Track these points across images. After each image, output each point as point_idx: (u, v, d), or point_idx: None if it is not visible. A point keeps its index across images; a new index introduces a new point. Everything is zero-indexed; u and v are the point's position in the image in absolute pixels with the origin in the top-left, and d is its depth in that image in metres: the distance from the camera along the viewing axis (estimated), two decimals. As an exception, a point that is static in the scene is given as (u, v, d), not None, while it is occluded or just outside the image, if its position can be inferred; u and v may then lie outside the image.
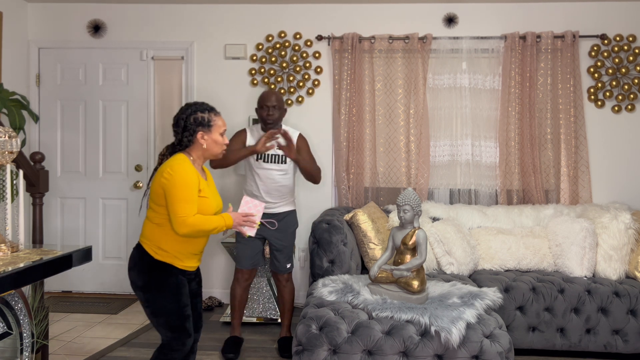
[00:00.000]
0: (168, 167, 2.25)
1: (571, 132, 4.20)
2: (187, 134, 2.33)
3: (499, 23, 4.33)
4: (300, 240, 4.43)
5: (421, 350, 2.48)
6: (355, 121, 4.32)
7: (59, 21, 4.59)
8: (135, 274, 2.30)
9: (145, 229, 2.33)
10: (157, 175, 2.29)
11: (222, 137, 2.39)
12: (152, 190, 2.30)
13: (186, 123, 2.33)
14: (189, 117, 2.33)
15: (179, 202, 2.21)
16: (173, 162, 2.27)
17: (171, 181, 2.21)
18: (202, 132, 2.33)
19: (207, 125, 2.34)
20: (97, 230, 4.67)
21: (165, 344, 2.33)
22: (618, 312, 3.26)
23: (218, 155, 2.42)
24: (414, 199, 2.76)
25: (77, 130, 4.65)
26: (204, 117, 2.34)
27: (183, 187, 2.22)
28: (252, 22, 4.49)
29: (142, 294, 2.29)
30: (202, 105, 2.38)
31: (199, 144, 2.34)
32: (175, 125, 2.36)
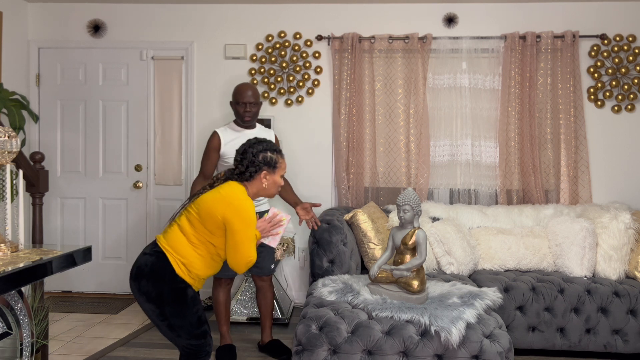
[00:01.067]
0: (234, 199, 2.21)
1: (571, 132, 4.20)
2: (253, 169, 2.33)
3: (499, 23, 4.33)
4: (301, 240, 4.44)
5: (421, 350, 2.48)
6: (355, 121, 4.32)
7: (59, 21, 4.59)
8: (149, 284, 2.19)
9: (175, 241, 2.23)
10: (219, 199, 2.21)
11: (281, 179, 2.42)
12: (205, 210, 2.21)
13: (254, 158, 2.33)
14: (259, 153, 2.34)
15: (247, 241, 2.20)
16: (238, 194, 2.24)
17: (239, 217, 2.18)
18: (267, 172, 2.35)
19: (273, 166, 2.37)
20: (97, 230, 4.67)
21: (190, 354, 2.27)
22: (618, 312, 3.26)
23: (270, 196, 2.45)
24: (414, 199, 2.76)
25: (77, 130, 4.65)
26: (273, 157, 2.36)
27: (250, 225, 2.22)
28: (252, 22, 4.49)
29: (154, 307, 2.19)
30: (273, 146, 2.39)
31: (260, 182, 2.35)
32: (241, 154, 2.35)
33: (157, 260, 2.21)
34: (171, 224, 2.31)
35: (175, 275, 2.20)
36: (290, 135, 4.46)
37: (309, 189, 4.46)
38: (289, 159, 4.43)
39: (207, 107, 4.54)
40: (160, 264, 2.20)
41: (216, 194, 2.24)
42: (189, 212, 2.27)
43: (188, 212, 2.27)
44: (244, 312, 3.99)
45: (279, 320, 3.97)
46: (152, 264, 2.21)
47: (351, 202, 4.34)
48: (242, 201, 2.22)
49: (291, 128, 4.47)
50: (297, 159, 4.46)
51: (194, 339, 2.25)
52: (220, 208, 2.19)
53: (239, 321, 3.98)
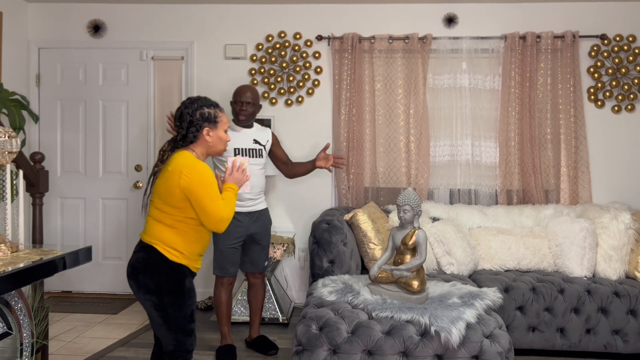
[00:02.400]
0: (183, 167, 2.18)
1: (571, 132, 4.20)
2: (194, 129, 2.28)
3: (499, 23, 4.33)
4: (301, 240, 4.44)
5: (421, 350, 2.48)
6: (355, 121, 4.32)
7: (59, 21, 4.59)
8: (146, 278, 2.20)
9: (155, 231, 2.24)
10: (168, 175, 2.20)
11: (225, 133, 2.37)
12: (163, 191, 2.21)
13: (192, 118, 2.27)
14: (195, 111, 2.28)
15: (210, 202, 2.17)
16: (186, 161, 2.20)
17: (194, 181, 2.15)
18: (209, 128, 2.30)
19: (213, 121, 2.31)
20: (97, 230, 4.67)
21: (173, 351, 2.26)
22: (618, 312, 3.26)
23: (220, 153, 2.39)
24: (414, 199, 2.76)
25: (77, 130, 4.65)
26: (211, 112, 2.31)
27: (208, 186, 2.18)
28: (252, 22, 4.49)
29: (155, 298, 2.20)
30: (208, 101, 2.34)
31: (205, 140, 2.30)
32: (179, 119, 2.30)
33: (148, 255, 2.22)
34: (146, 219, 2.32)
35: (169, 262, 2.21)
36: (290, 136, 4.46)
37: (309, 189, 4.47)
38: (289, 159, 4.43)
39: (207, 107, 4.54)
40: (152, 257, 2.21)
41: (165, 173, 2.22)
42: (153, 202, 2.27)
43: (153, 202, 2.28)
44: (244, 312, 3.99)
45: (279, 321, 3.97)
46: (144, 259, 2.23)
47: (351, 202, 4.34)
48: (191, 166, 2.18)
49: (291, 128, 4.47)
50: (297, 159, 4.45)
51: (181, 334, 2.25)
52: (174, 181, 2.17)
53: (239, 321, 3.97)
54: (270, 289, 4.02)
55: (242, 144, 3.35)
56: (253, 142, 3.39)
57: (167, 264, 2.21)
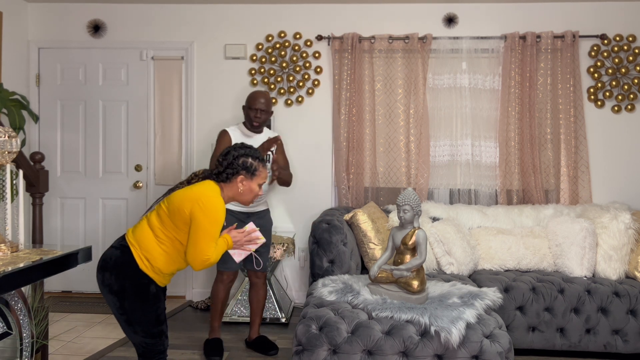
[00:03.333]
0: (204, 195, 2.20)
1: (571, 132, 4.20)
2: (230, 171, 2.32)
3: (499, 23, 4.33)
4: (301, 240, 4.44)
5: (421, 350, 2.48)
6: (355, 121, 4.32)
7: (59, 21, 4.59)
8: (112, 277, 2.20)
9: (142, 237, 2.23)
10: (187, 196, 2.20)
11: (259, 188, 2.40)
12: (176, 205, 2.21)
13: (235, 161, 2.31)
14: (239, 157, 2.32)
15: (207, 239, 2.18)
16: (209, 192, 2.22)
17: (205, 213, 2.16)
18: (244, 177, 2.33)
19: (252, 172, 2.34)
20: (97, 230, 4.67)
21: (143, 353, 2.27)
22: (618, 312, 3.26)
23: (246, 204, 2.42)
24: (414, 199, 2.76)
25: (77, 130, 4.65)
26: (253, 164, 2.34)
27: (214, 224, 2.19)
28: (252, 22, 4.49)
29: (116, 300, 2.20)
30: (256, 152, 2.38)
31: (236, 186, 2.33)
32: (224, 157, 2.34)
33: (122, 255, 2.22)
34: (141, 219, 2.32)
35: (138, 270, 2.21)
36: (290, 136, 4.46)
37: (309, 189, 4.47)
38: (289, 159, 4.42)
39: (207, 107, 4.54)
40: (124, 259, 2.21)
41: (188, 190, 2.24)
42: (160, 207, 2.27)
43: (159, 207, 2.28)
44: (244, 312, 3.99)
45: (279, 321, 3.97)
46: (116, 257, 2.22)
47: (351, 202, 4.34)
48: (211, 198, 2.20)
49: (291, 128, 4.47)
50: (297, 159, 4.46)
51: (149, 337, 2.25)
52: (189, 203, 2.18)
53: (239, 321, 3.97)
54: (270, 289, 4.02)
55: None
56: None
57: (135, 270, 2.20)
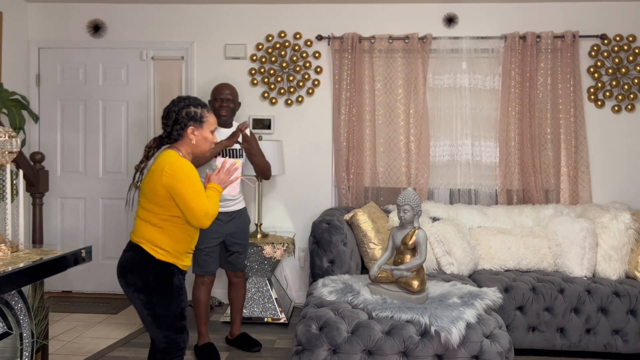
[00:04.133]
0: (165, 165, 2.19)
1: (571, 132, 4.20)
2: (178, 127, 2.29)
3: (499, 23, 4.33)
4: (301, 240, 4.44)
5: (421, 350, 2.48)
6: (355, 121, 4.32)
7: (59, 21, 4.59)
8: (134, 277, 2.22)
9: (141, 230, 2.26)
10: (152, 174, 2.23)
11: (212, 134, 2.37)
12: (148, 190, 2.23)
13: (178, 116, 2.28)
14: (181, 110, 2.29)
15: (193, 197, 2.18)
16: (168, 159, 2.21)
17: (176, 178, 2.16)
18: (193, 127, 2.30)
19: (199, 120, 2.31)
20: (97, 230, 4.67)
21: (165, 348, 2.28)
22: (618, 312, 3.26)
23: (205, 153, 2.39)
24: (414, 199, 2.76)
25: (77, 130, 4.65)
26: (197, 112, 2.31)
27: (191, 182, 2.18)
28: (252, 22, 4.49)
29: (143, 296, 2.22)
30: (196, 100, 2.34)
31: (189, 139, 2.30)
32: (165, 117, 2.32)
33: (136, 254, 2.24)
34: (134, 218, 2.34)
35: (157, 261, 2.23)
36: (290, 135, 4.46)
37: (309, 189, 4.47)
38: (289, 159, 4.44)
39: (207, 107, 4.54)
40: (140, 256, 2.23)
41: (149, 171, 2.26)
42: (139, 200, 2.30)
43: (139, 201, 2.30)
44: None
45: (279, 321, 3.97)
46: (131, 258, 2.25)
47: (351, 202, 4.34)
48: (172, 163, 2.19)
49: (291, 128, 4.47)
50: (297, 159, 4.46)
51: (172, 332, 2.26)
52: (157, 179, 2.19)
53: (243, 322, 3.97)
54: (270, 289, 4.02)
55: None
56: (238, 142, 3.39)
57: (155, 262, 2.22)
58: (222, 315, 4.10)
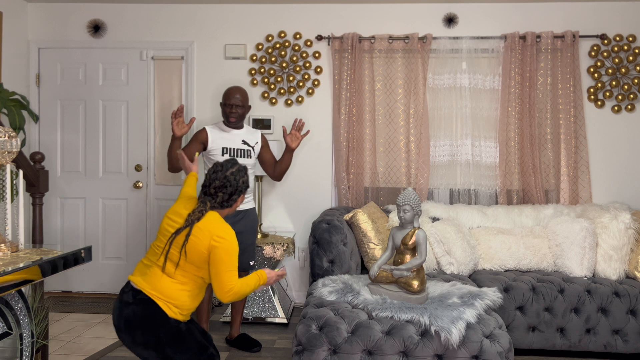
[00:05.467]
0: (217, 230, 2.19)
1: (571, 132, 4.20)
2: (236, 197, 2.34)
3: (498, 23, 4.33)
4: (301, 240, 4.44)
5: (421, 350, 2.48)
6: (355, 121, 4.32)
7: (59, 21, 4.59)
8: (143, 334, 2.13)
9: (162, 286, 2.18)
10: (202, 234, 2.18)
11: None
12: (193, 249, 2.17)
13: (237, 184, 2.33)
14: (239, 179, 2.34)
15: (227, 271, 2.18)
16: (221, 225, 2.23)
17: (222, 248, 2.17)
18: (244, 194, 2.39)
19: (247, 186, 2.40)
20: (97, 230, 4.67)
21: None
22: (618, 312, 3.26)
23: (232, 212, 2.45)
24: (414, 199, 2.76)
25: (77, 130, 4.65)
26: (246, 180, 2.38)
27: (232, 256, 2.19)
28: (252, 22, 4.49)
29: (156, 353, 2.16)
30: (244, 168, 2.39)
31: (236, 205, 2.38)
32: (223, 185, 2.30)
33: (146, 308, 2.15)
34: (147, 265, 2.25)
35: (167, 318, 2.17)
36: (290, 135, 4.46)
37: (309, 189, 4.47)
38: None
39: (207, 107, 4.54)
40: (150, 312, 2.15)
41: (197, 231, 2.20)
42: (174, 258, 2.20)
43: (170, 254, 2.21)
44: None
45: (279, 321, 3.97)
46: (141, 313, 2.15)
47: (351, 202, 4.34)
48: (225, 231, 2.21)
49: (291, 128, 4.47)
50: (297, 159, 4.46)
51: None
52: (205, 241, 2.18)
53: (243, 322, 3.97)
54: (270, 289, 4.02)
55: (231, 144, 3.44)
56: (242, 143, 3.47)
57: (165, 319, 2.17)
58: (222, 316, 4.10)
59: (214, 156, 3.41)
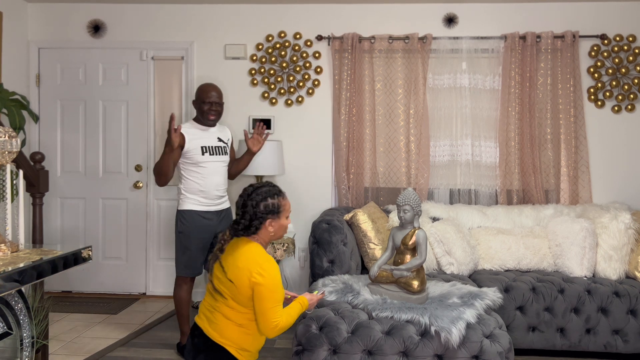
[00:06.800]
0: (255, 265, 2.08)
1: (571, 132, 4.20)
2: (257, 222, 2.16)
3: (498, 23, 4.33)
4: (301, 240, 4.44)
5: (421, 350, 2.48)
6: (355, 121, 4.32)
7: (59, 21, 4.59)
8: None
9: (226, 330, 2.13)
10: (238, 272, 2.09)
11: (287, 219, 2.26)
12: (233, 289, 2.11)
13: (256, 210, 2.16)
14: (259, 203, 2.16)
15: (272, 306, 2.08)
16: (259, 259, 2.11)
17: (265, 283, 2.06)
18: (272, 219, 2.19)
19: (276, 212, 2.19)
20: (97, 230, 4.67)
21: None
22: (618, 312, 3.26)
23: (279, 238, 2.31)
24: (414, 199, 2.76)
25: (77, 130, 4.65)
26: (275, 203, 2.19)
27: (276, 291, 2.09)
28: (252, 22, 4.49)
29: None
30: (271, 190, 2.22)
31: (267, 232, 2.19)
32: (243, 210, 2.19)
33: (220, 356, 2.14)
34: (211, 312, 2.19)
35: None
36: (290, 136, 4.46)
37: (309, 189, 4.47)
38: (289, 159, 4.43)
39: (207, 107, 4.54)
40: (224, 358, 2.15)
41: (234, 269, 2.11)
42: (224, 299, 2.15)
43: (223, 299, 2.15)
44: None
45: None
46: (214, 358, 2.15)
47: (351, 202, 4.34)
48: (264, 264, 2.09)
49: (291, 128, 4.47)
50: (297, 159, 4.46)
51: None
52: (245, 279, 2.08)
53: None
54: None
55: (208, 142, 3.38)
56: (218, 140, 3.43)
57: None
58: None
59: (193, 156, 3.30)
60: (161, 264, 4.61)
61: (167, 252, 4.57)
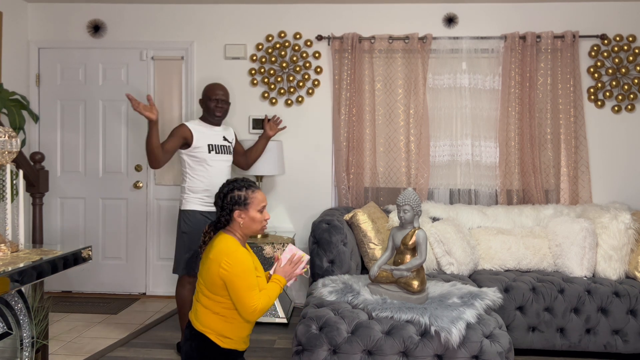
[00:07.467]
0: (223, 255, 2.17)
1: (571, 132, 4.20)
2: (224, 213, 2.28)
3: (498, 23, 4.33)
4: (301, 240, 4.44)
5: (421, 350, 2.48)
6: (355, 121, 4.32)
7: (59, 21, 4.59)
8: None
9: (205, 319, 2.22)
10: (210, 264, 2.18)
11: (261, 213, 2.31)
12: (208, 279, 2.19)
13: (223, 202, 2.28)
14: (226, 195, 2.28)
15: (245, 292, 2.15)
16: (226, 249, 2.19)
17: (232, 272, 2.14)
18: (239, 210, 2.26)
19: (243, 203, 2.27)
20: (97, 230, 4.67)
21: None
22: (618, 312, 3.26)
23: (258, 232, 2.37)
24: (414, 199, 2.76)
25: (77, 130, 4.65)
26: (241, 195, 2.27)
27: (245, 276, 2.16)
28: (252, 22, 4.49)
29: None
30: (240, 183, 2.31)
31: (237, 223, 2.27)
32: (215, 203, 2.33)
33: (201, 343, 2.22)
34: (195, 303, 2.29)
35: (222, 350, 2.22)
36: (290, 135, 4.46)
37: (309, 189, 4.47)
38: (289, 159, 4.44)
39: (207, 107, 4.54)
40: (205, 345, 2.22)
41: (207, 260, 2.21)
42: (202, 289, 2.24)
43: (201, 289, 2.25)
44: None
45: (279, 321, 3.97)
46: (197, 348, 2.23)
47: (351, 202, 4.34)
48: (231, 255, 2.17)
49: (291, 128, 4.47)
50: (297, 159, 4.46)
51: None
52: (215, 270, 2.16)
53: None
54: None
55: (215, 141, 3.44)
56: (223, 140, 3.49)
57: (220, 351, 2.22)
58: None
59: (200, 153, 3.35)
60: (161, 264, 4.62)
61: (167, 252, 4.57)
